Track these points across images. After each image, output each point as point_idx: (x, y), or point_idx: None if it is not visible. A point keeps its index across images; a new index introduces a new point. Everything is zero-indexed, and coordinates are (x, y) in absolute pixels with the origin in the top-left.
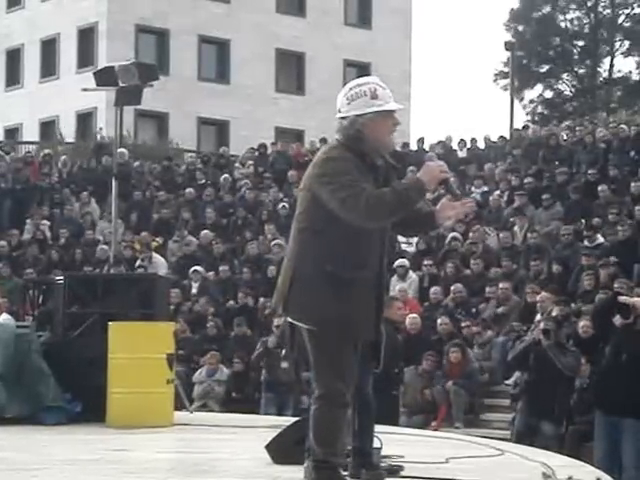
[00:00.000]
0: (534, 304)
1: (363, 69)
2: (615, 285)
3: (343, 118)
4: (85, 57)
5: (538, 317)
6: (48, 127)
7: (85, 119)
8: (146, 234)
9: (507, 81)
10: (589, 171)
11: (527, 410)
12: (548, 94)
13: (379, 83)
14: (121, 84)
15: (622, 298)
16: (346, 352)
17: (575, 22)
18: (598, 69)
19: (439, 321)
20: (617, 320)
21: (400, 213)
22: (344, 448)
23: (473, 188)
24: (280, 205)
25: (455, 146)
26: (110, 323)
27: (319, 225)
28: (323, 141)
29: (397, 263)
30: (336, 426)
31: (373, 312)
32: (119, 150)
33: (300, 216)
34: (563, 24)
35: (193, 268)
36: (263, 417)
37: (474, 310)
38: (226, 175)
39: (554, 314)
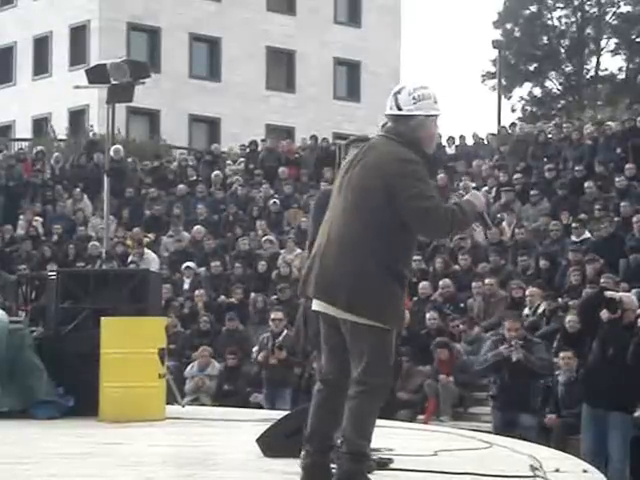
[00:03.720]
0: (520, 299)
1: (353, 67)
2: (601, 280)
3: (406, 116)
4: (77, 55)
5: (526, 311)
6: (40, 124)
7: (77, 116)
8: (138, 230)
9: (495, 81)
10: (576, 167)
11: (503, 407)
12: (536, 92)
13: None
14: (113, 81)
15: (608, 293)
16: (394, 346)
17: (562, 20)
18: (585, 67)
19: (428, 316)
20: (604, 315)
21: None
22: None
23: (461, 184)
24: (271, 201)
25: (444, 142)
26: (102, 318)
27: (397, 223)
28: (313, 138)
29: None
30: (374, 418)
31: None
32: (115, 147)
33: (367, 210)
34: (550, 22)
35: (185, 264)
36: (254, 411)
37: (462, 305)
38: (217, 172)
39: (541, 310)
